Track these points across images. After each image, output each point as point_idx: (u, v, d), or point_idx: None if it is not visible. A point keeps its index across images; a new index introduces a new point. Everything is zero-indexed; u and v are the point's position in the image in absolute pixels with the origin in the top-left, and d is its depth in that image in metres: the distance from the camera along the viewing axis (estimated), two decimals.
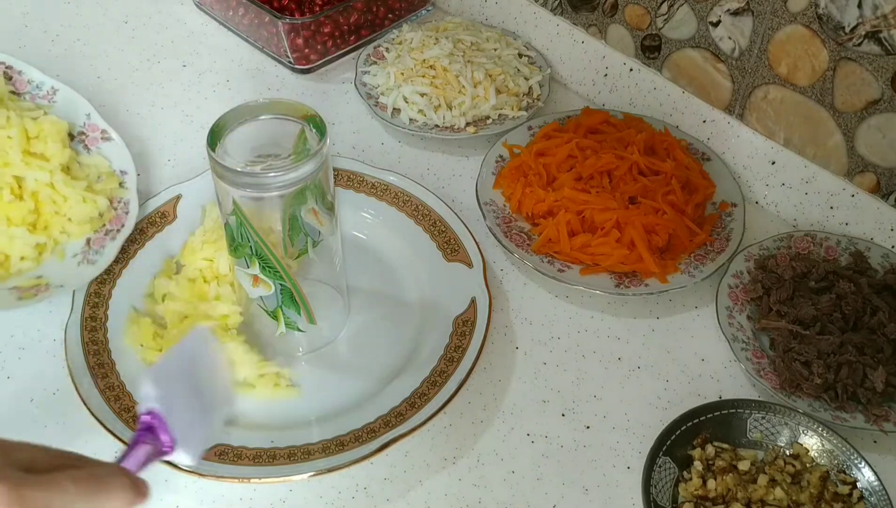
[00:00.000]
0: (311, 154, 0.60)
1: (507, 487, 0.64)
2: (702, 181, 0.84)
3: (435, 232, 0.79)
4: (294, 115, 0.63)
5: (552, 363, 0.73)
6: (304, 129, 0.62)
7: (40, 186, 0.77)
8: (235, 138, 0.61)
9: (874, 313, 0.73)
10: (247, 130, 0.62)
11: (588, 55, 0.97)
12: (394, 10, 1.06)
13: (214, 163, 0.59)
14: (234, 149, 0.60)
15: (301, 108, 0.63)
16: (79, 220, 0.78)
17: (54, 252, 0.77)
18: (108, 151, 0.84)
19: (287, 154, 0.60)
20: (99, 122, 0.85)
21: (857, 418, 0.67)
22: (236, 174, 0.59)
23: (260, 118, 0.63)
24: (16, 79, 0.85)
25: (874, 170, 0.78)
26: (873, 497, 0.61)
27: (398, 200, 0.82)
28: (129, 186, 0.81)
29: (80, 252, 0.77)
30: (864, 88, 0.75)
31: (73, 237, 0.78)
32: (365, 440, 0.63)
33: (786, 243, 0.80)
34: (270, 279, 0.65)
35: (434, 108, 0.93)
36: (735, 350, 0.71)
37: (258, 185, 0.60)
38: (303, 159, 0.59)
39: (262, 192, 0.60)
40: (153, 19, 1.08)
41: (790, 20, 0.77)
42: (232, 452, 0.63)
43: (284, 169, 0.59)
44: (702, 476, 0.63)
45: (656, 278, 0.77)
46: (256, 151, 0.61)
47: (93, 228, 0.78)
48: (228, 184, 0.60)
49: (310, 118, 0.62)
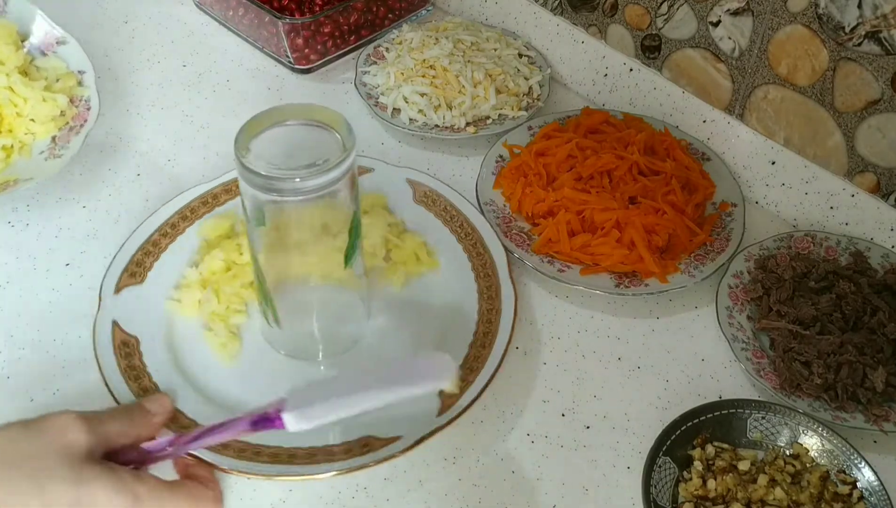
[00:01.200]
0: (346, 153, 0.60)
1: (507, 487, 0.64)
2: (702, 181, 0.84)
3: (455, 226, 0.80)
4: (321, 119, 0.62)
5: (552, 363, 0.73)
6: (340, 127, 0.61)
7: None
8: (261, 144, 0.61)
9: (874, 313, 0.73)
10: (271, 135, 0.62)
11: (588, 55, 0.97)
12: (394, 10, 1.06)
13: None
14: (264, 153, 0.60)
15: (328, 112, 0.63)
16: (42, 119, 0.83)
17: (21, 152, 0.82)
18: (65, 53, 0.89)
19: (322, 159, 0.59)
20: (53, 26, 0.90)
21: (857, 418, 0.67)
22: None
23: (287, 123, 0.62)
24: None
25: (874, 170, 0.78)
26: (873, 497, 0.61)
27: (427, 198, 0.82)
28: (88, 84, 0.87)
29: (47, 149, 0.83)
30: (864, 88, 0.75)
31: (39, 137, 0.83)
32: (387, 441, 0.63)
33: (786, 243, 0.80)
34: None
35: (434, 108, 0.93)
36: (735, 350, 0.71)
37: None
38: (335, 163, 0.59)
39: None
40: (153, 19, 1.08)
41: (790, 20, 0.77)
42: (250, 449, 0.62)
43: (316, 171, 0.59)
44: (702, 476, 0.63)
45: (656, 278, 0.77)
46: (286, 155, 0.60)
47: (57, 126, 0.84)
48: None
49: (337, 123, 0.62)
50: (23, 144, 0.82)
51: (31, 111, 0.82)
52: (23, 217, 0.82)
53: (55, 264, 0.78)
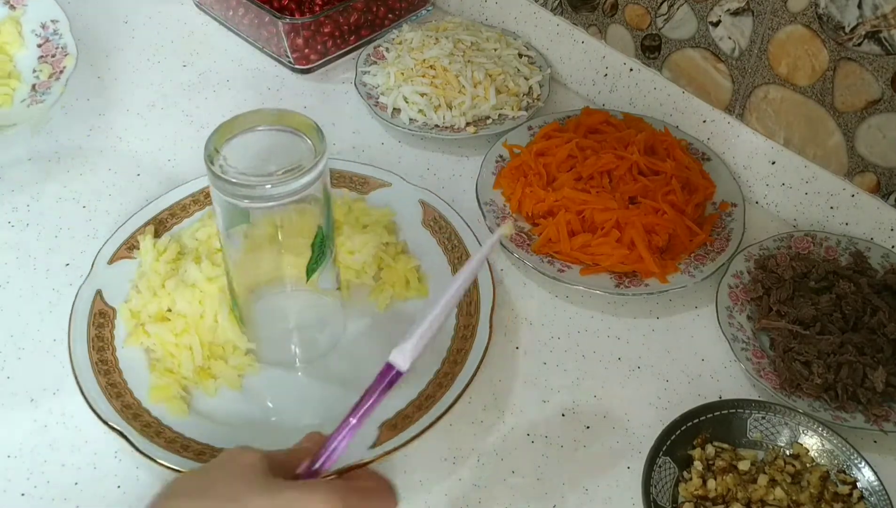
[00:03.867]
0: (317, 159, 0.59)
1: (507, 487, 0.64)
2: (702, 181, 0.84)
3: (342, 180, 0.80)
4: (292, 125, 0.61)
5: (552, 363, 0.73)
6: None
7: None
8: (234, 149, 0.60)
9: (874, 313, 0.73)
10: (243, 141, 0.61)
11: (588, 55, 0.97)
12: (394, 10, 1.06)
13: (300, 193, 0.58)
14: (236, 159, 0.59)
15: (299, 118, 0.62)
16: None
17: (2, 105, 0.88)
18: (36, 6, 0.95)
19: (293, 164, 0.58)
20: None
21: (857, 418, 0.67)
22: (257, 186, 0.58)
23: (258, 129, 0.61)
24: None
25: (874, 170, 0.78)
26: (873, 497, 0.61)
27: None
28: (62, 32, 0.93)
29: (28, 97, 0.88)
30: (864, 88, 0.75)
31: (19, 90, 0.89)
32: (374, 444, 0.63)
33: (786, 243, 0.80)
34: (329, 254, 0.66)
35: (434, 108, 0.93)
36: (735, 350, 0.71)
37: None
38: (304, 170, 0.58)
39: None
40: (153, 19, 1.08)
41: (790, 20, 0.77)
42: None
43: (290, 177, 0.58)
44: (702, 476, 0.63)
45: (656, 278, 0.77)
46: (258, 160, 0.60)
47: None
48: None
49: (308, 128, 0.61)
50: (3, 96, 0.88)
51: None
52: (23, 217, 0.82)
53: (55, 264, 0.78)
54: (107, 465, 0.64)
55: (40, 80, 0.90)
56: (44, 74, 0.91)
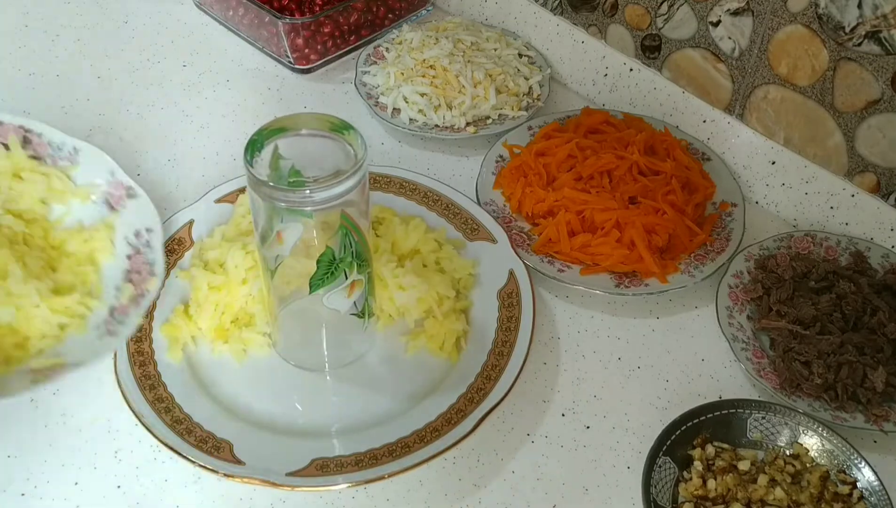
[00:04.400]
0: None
1: (507, 487, 0.64)
2: (702, 181, 0.84)
3: (450, 215, 0.80)
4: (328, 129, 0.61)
5: (552, 363, 0.73)
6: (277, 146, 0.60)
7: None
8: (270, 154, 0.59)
9: (874, 313, 0.73)
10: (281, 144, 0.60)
11: (588, 55, 0.97)
12: (394, 10, 1.06)
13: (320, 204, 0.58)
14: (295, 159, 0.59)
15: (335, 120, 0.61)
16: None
17: (76, 328, 0.70)
18: (134, 207, 0.78)
19: (332, 169, 0.58)
20: (123, 178, 0.79)
21: (857, 418, 0.67)
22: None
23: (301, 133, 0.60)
24: (35, 142, 0.81)
25: (874, 170, 0.78)
26: (873, 497, 0.61)
27: (405, 189, 0.82)
28: (154, 245, 0.74)
29: (103, 324, 0.70)
30: (864, 88, 0.75)
31: (97, 307, 0.72)
32: (399, 454, 0.63)
33: (786, 243, 0.80)
34: (364, 273, 0.64)
35: (434, 108, 0.93)
36: (735, 350, 0.71)
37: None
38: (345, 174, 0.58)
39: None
40: (153, 19, 1.08)
41: (790, 20, 0.77)
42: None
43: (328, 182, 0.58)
44: (702, 476, 0.63)
45: (656, 278, 0.77)
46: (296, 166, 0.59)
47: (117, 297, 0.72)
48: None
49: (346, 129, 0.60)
50: (80, 317, 0.71)
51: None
52: None
53: None
54: (107, 465, 0.64)
55: (120, 302, 0.72)
56: (124, 296, 0.72)
